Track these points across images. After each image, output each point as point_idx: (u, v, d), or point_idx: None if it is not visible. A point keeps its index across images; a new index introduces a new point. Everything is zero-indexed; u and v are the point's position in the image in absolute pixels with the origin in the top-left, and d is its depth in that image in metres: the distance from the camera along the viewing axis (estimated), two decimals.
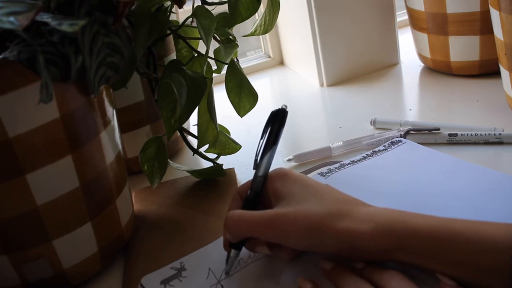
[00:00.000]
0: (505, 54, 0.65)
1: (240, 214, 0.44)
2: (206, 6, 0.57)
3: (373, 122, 0.72)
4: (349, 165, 0.59)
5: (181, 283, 0.46)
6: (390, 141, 0.63)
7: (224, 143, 0.66)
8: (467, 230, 0.38)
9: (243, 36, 0.68)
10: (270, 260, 0.47)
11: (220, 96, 0.68)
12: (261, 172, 0.48)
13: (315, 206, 0.42)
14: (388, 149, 0.61)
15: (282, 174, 0.47)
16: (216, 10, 0.59)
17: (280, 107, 0.50)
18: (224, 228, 0.45)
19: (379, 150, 0.62)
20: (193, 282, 0.46)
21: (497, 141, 0.62)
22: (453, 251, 0.38)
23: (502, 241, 0.36)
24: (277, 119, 0.50)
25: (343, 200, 0.44)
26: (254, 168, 0.48)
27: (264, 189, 0.47)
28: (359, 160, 0.60)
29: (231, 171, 0.66)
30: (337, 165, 0.59)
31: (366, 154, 0.61)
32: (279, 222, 0.42)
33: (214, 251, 0.49)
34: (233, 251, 0.46)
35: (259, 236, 0.44)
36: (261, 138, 0.50)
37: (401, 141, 0.63)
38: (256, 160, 0.49)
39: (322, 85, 0.90)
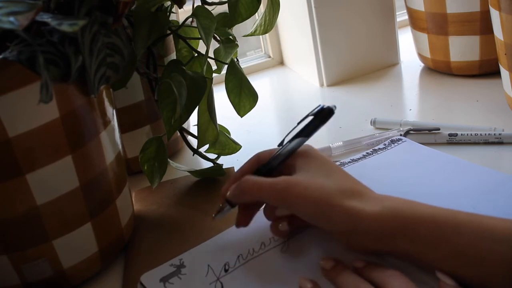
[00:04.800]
0: (505, 54, 0.65)
1: (254, 180, 0.45)
2: (206, 6, 0.57)
3: (373, 122, 0.72)
4: (349, 164, 0.59)
5: (180, 281, 0.46)
6: (390, 139, 0.63)
7: (224, 143, 0.66)
8: (471, 221, 0.38)
9: (243, 36, 0.68)
10: (270, 257, 0.47)
11: (220, 96, 0.68)
12: (284, 152, 0.48)
13: (328, 182, 0.43)
14: (388, 148, 0.61)
15: (306, 151, 0.47)
16: (216, 10, 0.59)
17: (330, 106, 0.49)
18: (235, 188, 0.46)
19: (379, 148, 0.62)
20: (193, 279, 0.46)
21: (497, 141, 0.62)
22: (456, 241, 0.38)
23: (507, 234, 0.37)
24: (322, 116, 0.49)
25: (356, 183, 0.45)
26: (279, 145, 0.49)
27: (279, 167, 0.47)
28: (359, 159, 0.60)
29: (231, 171, 0.66)
30: (337, 163, 0.59)
31: (366, 153, 0.61)
32: (290, 189, 0.43)
33: (213, 248, 0.49)
34: (227, 206, 0.47)
35: (268, 201, 0.45)
36: (299, 123, 0.50)
37: (401, 139, 0.63)
38: (284, 140, 0.49)
39: (322, 85, 0.90)
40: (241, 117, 0.64)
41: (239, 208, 0.48)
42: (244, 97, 0.63)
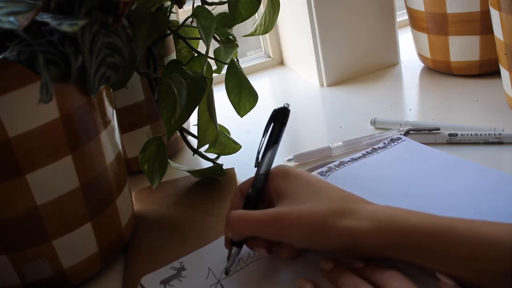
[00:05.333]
0: (505, 54, 0.65)
1: (242, 214, 0.44)
2: (206, 6, 0.57)
3: (373, 122, 0.72)
4: (348, 163, 0.59)
5: (180, 283, 0.46)
6: (390, 138, 0.63)
7: (224, 143, 0.66)
8: (468, 229, 0.38)
9: (243, 36, 0.68)
10: (270, 260, 0.47)
11: (220, 96, 0.68)
12: (262, 170, 0.48)
13: (317, 205, 0.43)
14: (388, 147, 0.61)
15: (283, 171, 0.47)
16: (216, 10, 0.59)
17: (282, 106, 0.50)
18: (226, 227, 0.45)
19: (379, 147, 0.62)
20: (193, 282, 0.46)
21: (497, 141, 0.62)
22: (453, 250, 0.38)
23: (504, 241, 0.36)
24: (279, 118, 0.50)
25: (345, 198, 0.44)
26: (255, 166, 0.48)
27: (265, 187, 0.47)
28: (358, 158, 0.60)
29: (231, 171, 0.66)
30: (336, 163, 0.59)
31: (366, 152, 0.61)
32: (282, 222, 0.42)
33: (214, 251, 0.49)
34: (234, 249, 0.46)
35: (261, 235, 0.44)
36: (263, 136, 0.50)
37: (400, 138, 0.63)
38: (257, 158, 0.49)
39: (322, 85, 0.90)
40: (241, 117, 0.64)
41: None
42: (244, 97, 0.63)
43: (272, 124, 0.49)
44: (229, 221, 0.45)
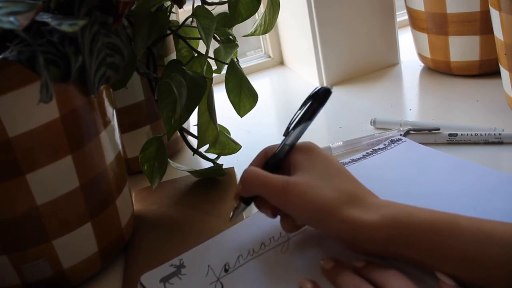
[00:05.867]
0: (505, 54, 0.65)
1: (256, 172, 0.45)
2: (206, 6, 0.57)
3: (373, 122, 0.72)
4: (349, 164, 0.59)
5: (180, 281, 0.46)
6: (390, 139, 0.63)
7: (224, 143, 0.66)
8: (471, 226, 0.38)
9: (243, 36, 0.68)
10: (270, 257, 0.47)
11: (220, 96, 0.68)
12: (289, 141, 0.48)
13: (327, 188, 0.43)
14: (388, 148, 0.61)
15: (309, 147, 0.47)
16: (216, 10, 0.59)
17: (326, 86, 0.50)
18: (239, 181, 0.46)
19: (379, 148, 0.62)
20: (193, 279, 0.46)
21: (497, 141, 0.62)
22: (456, 246, 0.38)
23: (506, 238, 0.36)
24: (320, 97, 0.49)
25: (356, 187, 0.44)
26: (284, 135, 0.49)
27: (287, 158, 0.47)
28: (359, 159, 0.60)
29: (231, 171, 0.66)
30: None
31: (366, 153, 0.61)
32: (289, 191, 0.43)
33: (213, 248, 0.49)
34: (242, 204, 0.47)
35: (268, 198, 0.45)
36: (299, 109, 0.49)
37: (401, 139, 0.63)
38: (288, 128, 0.49)
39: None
40: (241, 117, 0.64)
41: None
42: (244, 97, 0.63)
43: (311, 101, 0.49)
44: (243, 175, 0.46)
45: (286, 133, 0.49)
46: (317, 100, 0.49)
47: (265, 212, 0.47)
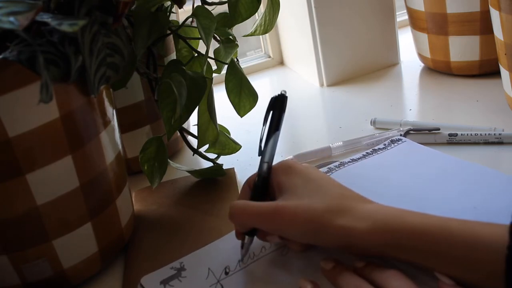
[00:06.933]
0: (505, 54, 0.65)
1: (243, 205, 0.45)
2: (206, 6, 0.57)
3: (373, 122, 0.72)
4: (349, 164, 0.59)
5: (180, 283, 0.46)
6: (390, 139, 0.63)
7: (224, 143, 0.66)
8: (462, 229, 0.38)
9: (243, 36, 0.68)
10: (270, 261, 0.47)
11: (220, 96, 0.68)
12: (267, 158, 0.48)
13: (315, 201, 0.43)
14: (388, 148, 0.61)
15: (286, 166, 0.47)
16: (216, 10, 0.59)
17: (279, 93, 0.50)
18: (229, 218, 0.46)
19: (379, 148, 0.62)
20: (193, 282, 0.46)
21: (497, 141, 0.62)
22: (448, 251, 0.38)
23: (497, 241, 0.36)
24: (278, 105, 0.50)
25: (344, 196, 0.44)
26: (259, 155, 0.49)
27: (270, 175, 0.47)
28: (359, 159, 0.60)
29: (231, 171, 0.66)
30: (336, 163, 0.59)
31: (366, 153, 0.61)
32: (279, 215, 0.43)
33: (214, 251, 0.49)
34: (247, 238, 0.46)
35: (261, 227, 0.44)
36: (264, 125, 0.50)
37: (401, 139, 0.63)
38: (260, 147, 0.49)
39: (322, 85, 0.90)
40: (241, 117, 0.64)
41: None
42: (244, 97, 0.63)
43: (271, 112, 0.50)
44: (230, 212, 0.45)
45: (260, 153, 0.49)
46: (277, 108, 0.50)
47: (271, 240, 0.46)
